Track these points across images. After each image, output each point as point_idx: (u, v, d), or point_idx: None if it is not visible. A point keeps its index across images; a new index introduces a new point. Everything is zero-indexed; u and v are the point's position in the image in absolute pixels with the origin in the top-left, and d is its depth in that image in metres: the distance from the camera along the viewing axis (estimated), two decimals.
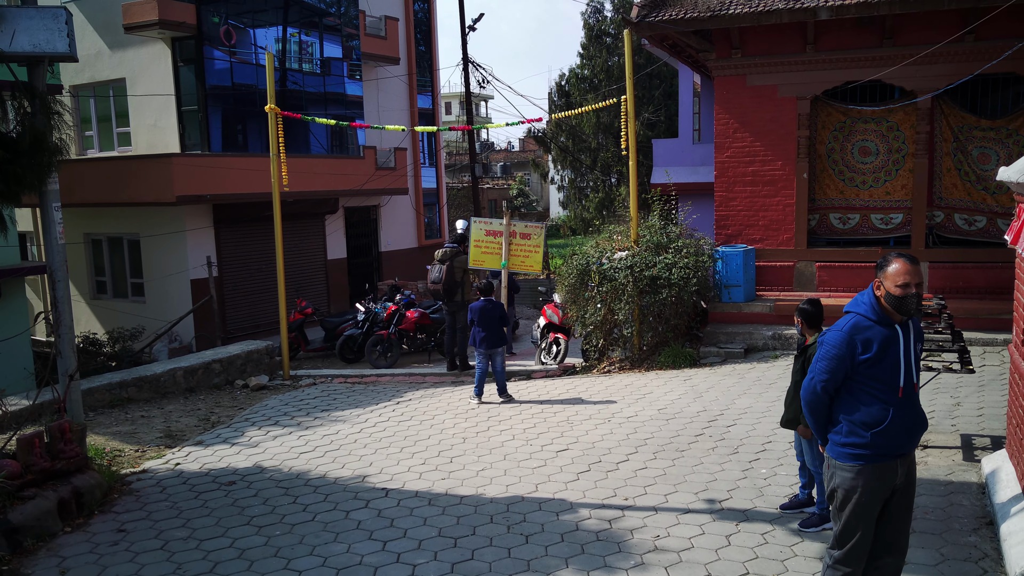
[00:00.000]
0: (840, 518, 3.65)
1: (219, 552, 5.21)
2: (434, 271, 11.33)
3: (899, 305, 3.55)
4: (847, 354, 3.55)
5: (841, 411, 3.66)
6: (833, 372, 3.59)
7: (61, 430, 6.04)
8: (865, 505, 3.57)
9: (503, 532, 5.35)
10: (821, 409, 3.70)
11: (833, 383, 3.62)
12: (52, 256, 6.69)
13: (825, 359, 3.62)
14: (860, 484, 3.56)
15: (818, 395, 3.67)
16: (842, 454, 3.63)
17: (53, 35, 6.22)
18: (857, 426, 3.57)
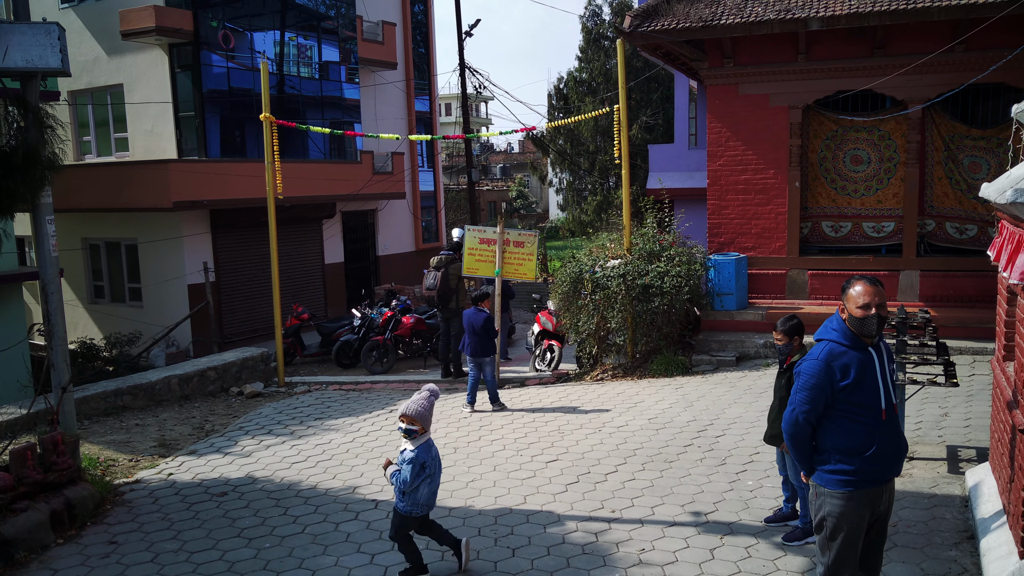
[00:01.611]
0: (831, 548, 3.63)
1: (208, 565, 5.27)
2: (429, 278, 11.39)
3: (861, 327, 3.59)
4: (826, 382, 3.57)
5: (826, 439, 3.65)
6: (814, 402, 3.61)
7: (54, 442, 6.10)
8: (856, 532, 3.58)
9: (490, 545, 5.41)
10: (804, 440, 3.70)
11: (815, 413, 3.63)
12: (45, 268, 6.74)
13: (805, 389, 3.62)
14: (851, 511, 3.56)
15: (800, 426, 3.66)
16: (831, 481, 3.62)
17: (46, 50, 6.27)
18: (845, 453, 3.58)
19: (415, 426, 4.71)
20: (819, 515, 3.67)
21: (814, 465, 3.71)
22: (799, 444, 3.71)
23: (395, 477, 4.74)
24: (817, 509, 3.69)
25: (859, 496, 3.56)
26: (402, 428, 4.73)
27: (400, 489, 4.72)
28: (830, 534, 3.62)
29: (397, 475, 4.74)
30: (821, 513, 3.66)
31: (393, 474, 4.76)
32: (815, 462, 3.71)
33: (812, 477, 3.73)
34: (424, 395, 4.86)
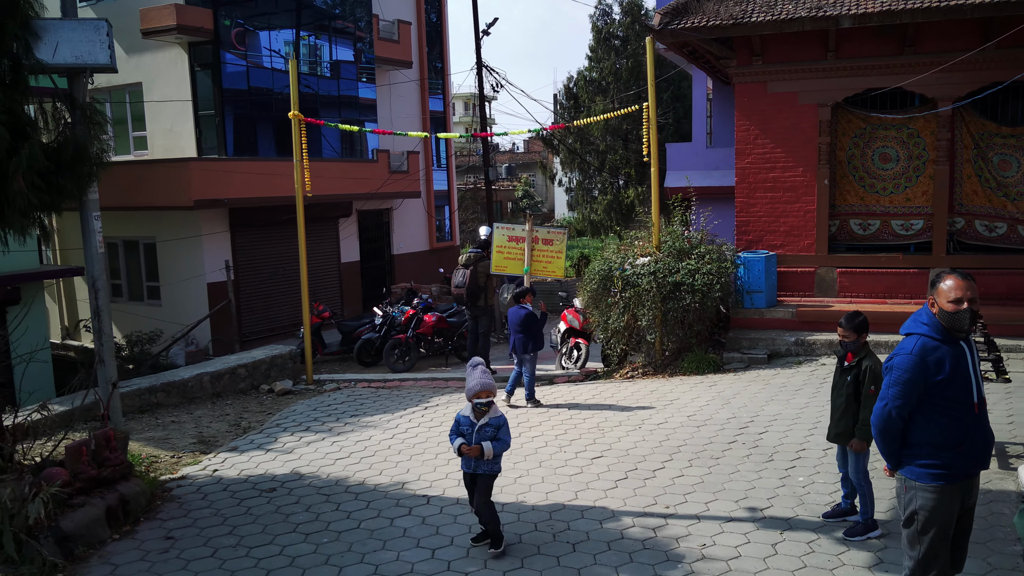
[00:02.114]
0: (923, 542, 3.62)
1: (270, 560, 5.28)
2: (457, 275, 11.40)
3: (953, 321, 3.59)
4: (920, 377, 3.56)
5: (918, 433, 3.65)
6: (908, 396, 3.60)
7: (106, 438, 6.10)
8: (947, 526, 3.59)
9: (549, 540, 5.42)
10: (895, 434, 3.69)
11: (908, 407, 3.62)
12: (92, 264, 6.75)
13: (898, 384, 3.61)
14: (942, 504, 3.57)
15: (893, 420, 3.65)
16: (923, 475, 3.62)
17: (95, 46, 6.29)
18: (937, 447, 3.59)
19: (492, 396, 5.23)
20: (909, 509, 3.67)
21: (902, 459, 3.71)
22: (889, 438, 3.70)
23: (496, 446, 5.16)
24: (907, 503, 3.68)
25: (951, 490, 3.57)
26: (481, 403, 5.18)
27: (500, 452, 5.21)
28: (921, 528, 3.62)
29: (497, 443, 5.17)
30: (912, 507, 3.65)
31: (493, 445, 5.16)
32: (904, 456, 3.70)
33: (901, 471, 3.73)
34: (481, 369, 5.37)
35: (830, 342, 10.16)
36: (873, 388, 4.93)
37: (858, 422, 5.04)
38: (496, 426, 5.22)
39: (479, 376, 5.30)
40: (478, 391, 5.20)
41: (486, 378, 5.30)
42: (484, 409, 5.21)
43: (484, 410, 5.21)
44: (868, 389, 4.97)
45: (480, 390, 5.20)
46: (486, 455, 5.11)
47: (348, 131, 19.43)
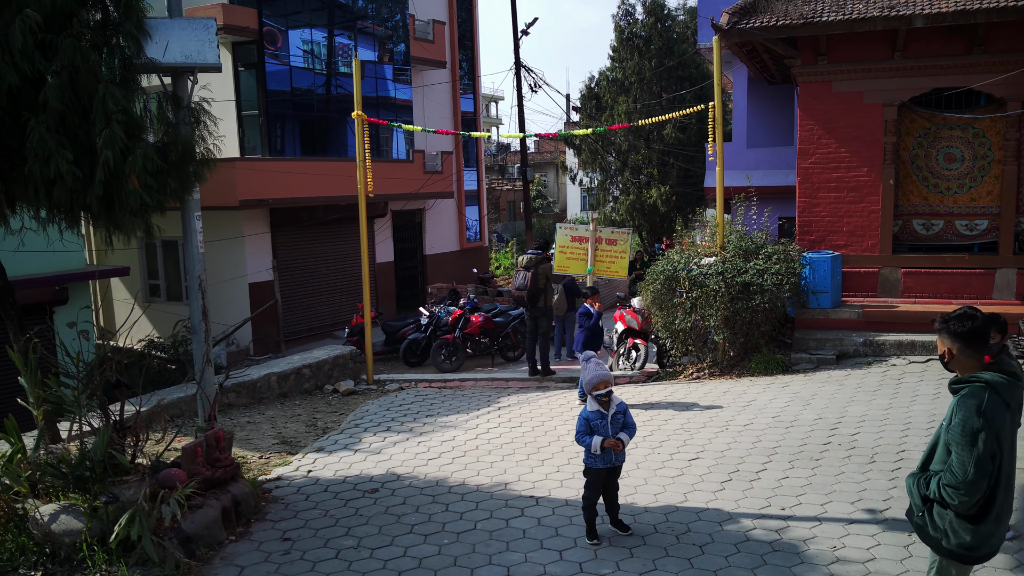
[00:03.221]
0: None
1: (397, 561, 5.25)
2: (518, 277, 11.38)
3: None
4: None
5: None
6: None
7: (216, 438, 6.08)
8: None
9: (673, 542, 5.38)
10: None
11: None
12: (193, 264, 6.74)
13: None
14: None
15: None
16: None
17: (203, 46, 6.28)
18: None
19: (610, 386, 5.36)
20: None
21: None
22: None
23: (629, 432, 5.35)
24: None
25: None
26: (601, 394, 5.29)
27: (631, 435, 5.38)
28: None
29: (629, 430, 5.35)
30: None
31: (627, 433, 5.34)
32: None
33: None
34: (594, 361, 5.54)
35: (899, 343, 10.12)
36: None
37: None
38: (623, 411, 5.39)
39: (594, 368, 5.46)
40: (596, 383, 5.32)
41: (600, 369, 5.43)
42: (606, 399, 5.30)
43: (606, 400, 5.30)
44: None
45: (597, 382, 5.31)
46: (627, 445, 5.30)
47: (377, 131, 19.42)
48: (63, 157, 5.40)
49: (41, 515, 5.15)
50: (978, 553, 3.43)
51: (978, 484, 3.26)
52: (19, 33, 5.21)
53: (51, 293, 14.16)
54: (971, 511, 3.36)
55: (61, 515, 5.14)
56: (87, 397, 5.83)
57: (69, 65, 5.40)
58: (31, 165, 5.43)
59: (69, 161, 5.45)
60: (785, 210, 14.90)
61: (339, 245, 19.00)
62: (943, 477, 3.38)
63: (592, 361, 5.55)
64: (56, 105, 5.38)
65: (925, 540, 3.58)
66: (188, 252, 6.78)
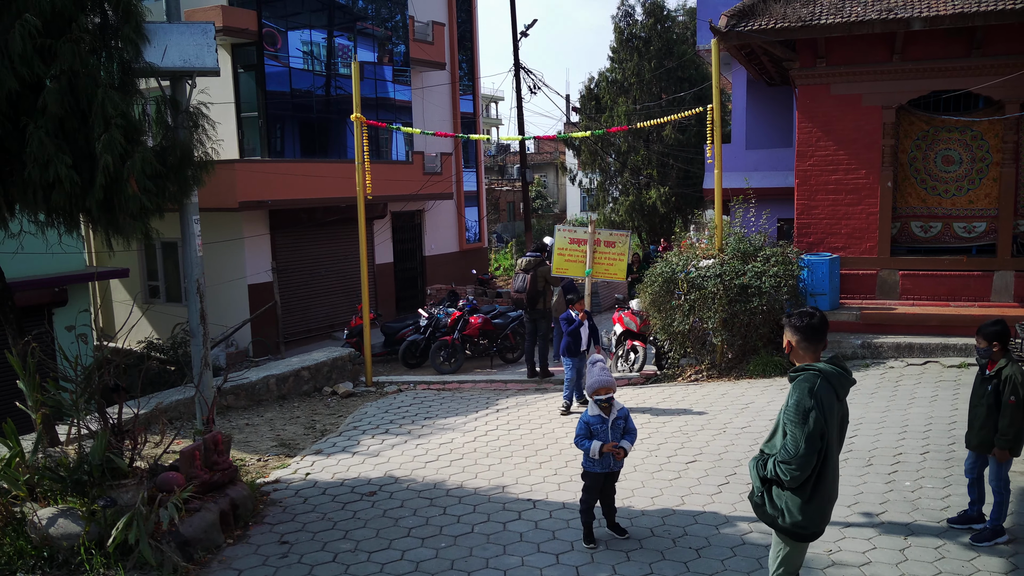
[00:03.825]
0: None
1: (394, 565, 5.27)
2: (517, 280, 11.39)
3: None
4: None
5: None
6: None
7: (215, 441, 6.10)
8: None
9: (670, 545, 5.40)
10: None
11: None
12: (192, 268, 6.76)
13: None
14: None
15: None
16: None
17: (202, 50, 6.29)
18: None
19: (612, 392, 5.34)
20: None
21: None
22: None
23: (630, 439, 5.33)
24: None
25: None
26: (602, 399, 5.29)
27: (632, 442, 5.36)
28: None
29: (630, 436, 5.34)
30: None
31: (628, 439, 5.33)
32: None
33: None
34: (600, 366, 5.51)
35: (896, 345, 10.13)
36: (1013, 399, 4.90)
37: (998, 432, 5.01)
38: (624, 416, 5.38)
39: (598, 374, 5.45)
40: (597, 388, 5.33)
41: (604, 375, 5.44)
42: (606, 405, 5.32)
43: (607, 405, 5.32)
44: (1008, 399, 4.94)
45: (599, 387, 5.32)
46: (628, 452, 5.27)
47: (377, 132, 19.43)
48: (62, 161, 5.42)
49: (39, 519, 5.17)
50: (809, 531, 3.68)
51: (808, 459, 3.51)
52: (19, 38, 5.23)
53: (50, 295, 14.17)
54: (802, 489, 3.60)
55: (59, 519, 5.15)
56: (85, 401, 5.84)
57: (68, 70, 5.42)
58: (30, 169, 5.45)
59: (68, 165, 5.47)
60: (784, 212, 14.91)
61: (338, 246, 19.02)
62: (778, 455, 3.62)
63: (598, 366, 5.55)
64: (55, 109, 5.40)
65: (763, 519, 3.79)
66: (187, 255, 6.80)
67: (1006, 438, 4.96)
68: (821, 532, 3.72)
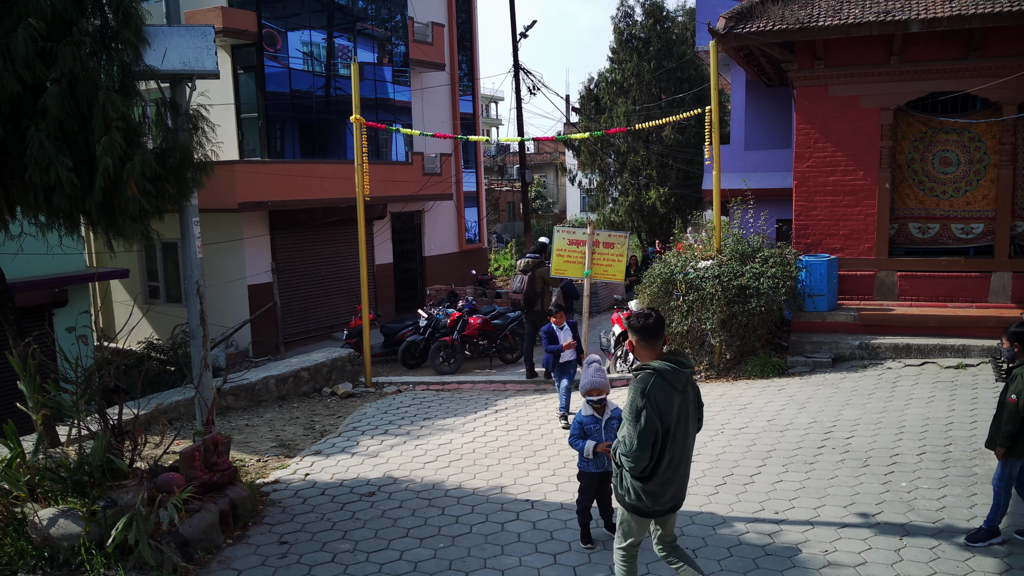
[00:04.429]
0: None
1: (392, 565, 5.30)
2: (515, 281, 11.42)
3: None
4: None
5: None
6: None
7: (214, 442, 6.13)
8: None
9: None
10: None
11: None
12: (191, 269, 6.79)
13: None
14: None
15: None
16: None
17: (202, 53, 6.32)
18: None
19: (605, 394, 5.33)
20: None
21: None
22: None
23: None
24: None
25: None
26: (593, 400, 5.29)
27: None
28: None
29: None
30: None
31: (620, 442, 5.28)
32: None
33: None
34: (595, 367, 5.49)
35: (894, 346, 10.16)
36: (1015, 397, 4.94)
37: (997, 429, 5.05)
38: (618, 417, 5.34)
39: (592, 374, 5.46)
40: (590, 389, 5.34)
41: (598, 376, 5.43)
42: (599, 406, 5.33)
43: (599, 406, 5.33)
44: (1008, 397, 4.98)
45: (591, 388, 5.34)
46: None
47: (376, 132, 19.47)
48: (62, 164, 5.45)
49: (40, 519, 5.19)
50: (649, 509, 4.08)
51: (642, 453, 3.87)
52: (21, 41, 5.26)
53: (51, 295, 14.20)
54: (643, 474, 3.98)
55: (60, 519, 5.18)
56: (85, 402, 5.87)
57: (69, 72, 5.45)
58: (31, 172, 5.48)
59: (68, 168, 5.50)
60: (783, 212, 14.94)
61: (338, 247, 19.06)
62: (619, 447, 4.00)
63: (593, 366, 5.56)
64: (56, 112, 5.42)
65: (615, 495, 4.22)
66: (186, 257, 6.83)
67: (1002, 435, 4.99)
68: (662, 512, 4.10)
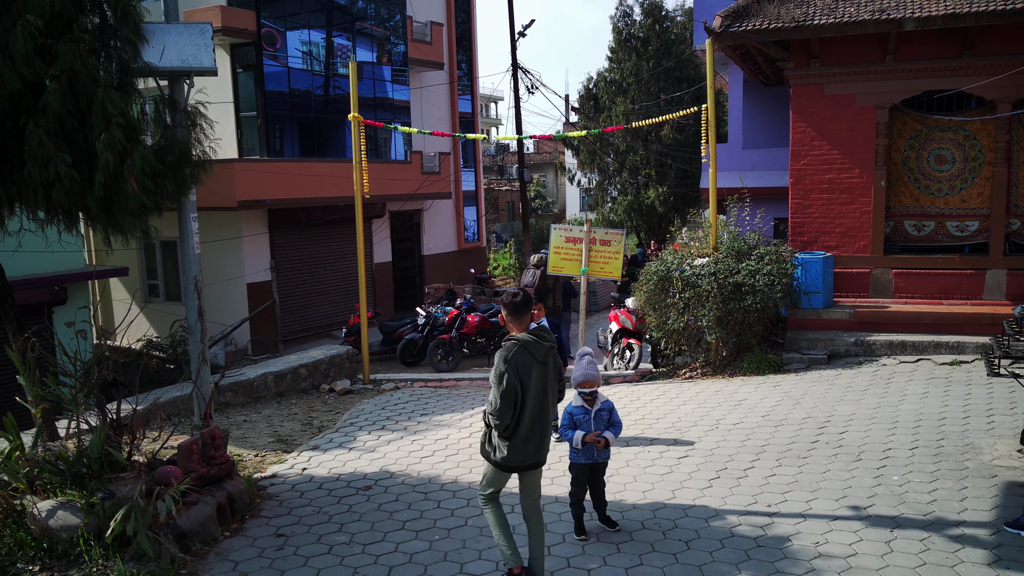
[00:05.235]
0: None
1: (388, 556, 5.35)
2: (527, 275, 11.45)
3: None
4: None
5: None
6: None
7: (212, 436, 6.18)
8: None
9: (660, 538, 5.48)
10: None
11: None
12: (190, 265, 6.84)
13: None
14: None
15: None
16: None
17: (199, 50, 6.37)
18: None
19: (596, 387, 5.44)
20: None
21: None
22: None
23: (615, 431, 5.42)
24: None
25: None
26: (585, 392, 5.41)
27: (617, 436, 5.45)
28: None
29: (615, 428, 5.42)
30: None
31: (612, 431, 5.41)
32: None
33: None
34: (587, 359, 5.51)
35: (889, 343, 10.22)
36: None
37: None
38: (609, 409, 5.49)
39: (584, 367, 5.50)
40: (581, 381, 5.42)
41: (590, 369, 5.49)
42: (589, 398, 5.42)
43: (590, 398, 5.42)
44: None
45: (583, 380, 5.42)
46: (611, 444, 5.34)
47: (376, 131, 19.52)
48: (62, 160, 5.50)
49: (39, 511, 5.25)
50: (510, 464, 4.61)
51: (505, 411, 4.41)
52: (21, 38, 5.31)
53: (50, 293, 14.26)
54: (506, 433, 4.50)
55: (58, 511, 5.24)
56: (84, 396, 5.92)
57: (68, 70, 5.49)
58: (30, 168, 5.53)
59: (67, 164, 5.55)
60: (780, 211, 14.99)
61: (337, 245, 19.12)
62: (487, 408, 4.53)
63: (586, 359, 5.58)
64: (56, 109, 5.47)
65: (482, 453, 4.71)
66: (184, 253, 6.88)
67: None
68: (522, 467, 4.66)
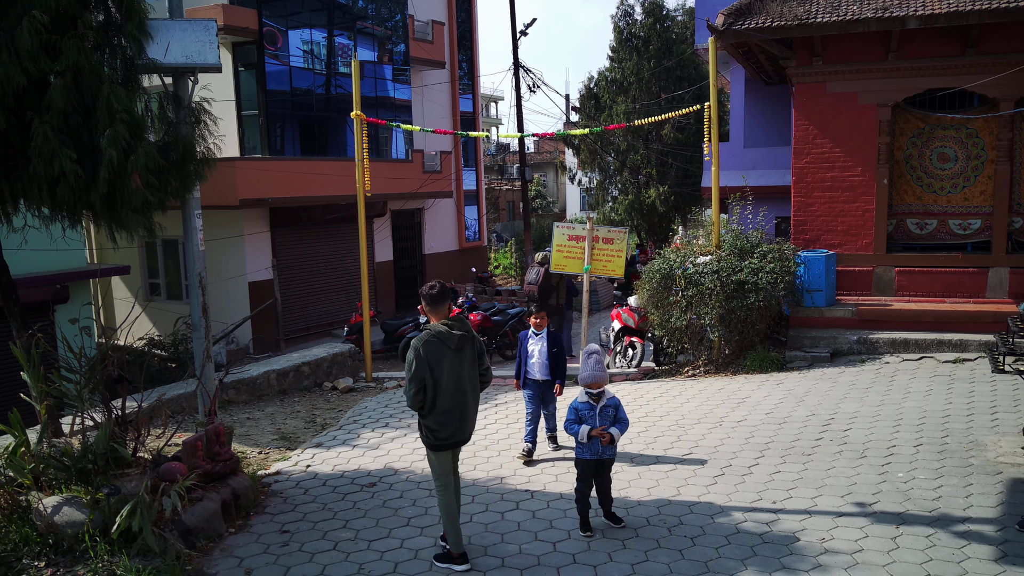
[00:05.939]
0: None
1: (393, 553, 5.35)
2: (531, 273, 11.45)
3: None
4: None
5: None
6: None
7: (216, 433, 6.18)
8: None
9: (665, 534, 5.48)
10: None
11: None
12: (194, 262, 6.83)
13: None
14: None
15: None
16: None
17: (204, 47, 6.37)
18: None
19: (603, 387, 5.45)
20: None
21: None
22: None
23: (620, 427, 5.41)
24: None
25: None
26: (592, 393, 5.41)
27: (623, 433, 5.45)
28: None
29: (620, 425, 5.42)
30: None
31: (618, 427, 5.41)
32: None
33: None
34: (595, 358, 5.52)
35: (892, 341, 10.22)
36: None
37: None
38: (615, 406, 5.48)
39: (592, 367, 5.51)
40: (590, 383, 5.45)
41: (597, 370, 5.49)
42: (596, 396, 5.44)
43: (596, 396, 5.44)
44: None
45: (592, 382, 5.45)
46: (616, 439, 5.34)
47: (377, 130, 19.52)
48: (66, 156, 5.50)
49: (44, 507, 5.25)
50: (440, 442, 4.95)
51: (415, 396, 4.82)
52: (26, 34, 5.31)
53: (52, 292, 14.26)
54: (423, 412, 4.89)
55: (64, 507, 5.24)
56: (89, 392, 5.92)
57: (73, 66, 5.50)
58: (35, 164, 5.53)
59: (72, 160, 5.55)
60: (782, 210, 14.99)
61: (338, 244, 19.11)
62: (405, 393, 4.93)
63: (593, 358, 5.55)
64: (61, 105, 5.47)
65: (422, 440, 5.02)
66: (189, 250, 6.88)
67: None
68: (452, 444, 4.96)
